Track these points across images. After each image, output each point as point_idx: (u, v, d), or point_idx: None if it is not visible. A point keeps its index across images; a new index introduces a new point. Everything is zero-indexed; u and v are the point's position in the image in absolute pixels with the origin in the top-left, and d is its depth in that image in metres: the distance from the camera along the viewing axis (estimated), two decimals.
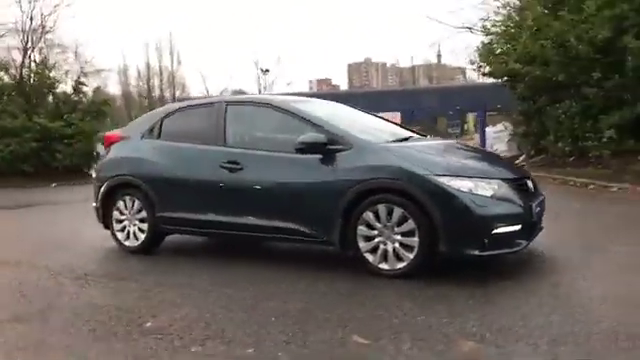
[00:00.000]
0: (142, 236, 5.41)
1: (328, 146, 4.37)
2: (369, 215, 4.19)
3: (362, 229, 4.23)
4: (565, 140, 12.01)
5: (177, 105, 5.68)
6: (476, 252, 3.90)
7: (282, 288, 4.12)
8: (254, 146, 4.91)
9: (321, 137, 4.37)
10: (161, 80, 58.75)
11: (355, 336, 3.16)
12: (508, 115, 15.79)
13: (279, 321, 3.46)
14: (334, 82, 74.24)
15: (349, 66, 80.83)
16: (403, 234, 4.08)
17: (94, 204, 5.81)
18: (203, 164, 5.03)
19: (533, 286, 3.89)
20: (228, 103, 5.19)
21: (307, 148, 4.39)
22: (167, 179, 5.20)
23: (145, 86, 58.41)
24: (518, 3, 16.15)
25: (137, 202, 5.39)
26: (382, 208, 4.14)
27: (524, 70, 12.24)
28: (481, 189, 3.98)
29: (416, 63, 66.18)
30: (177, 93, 58.35)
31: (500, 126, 17.40)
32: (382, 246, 4.17)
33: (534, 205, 4.24)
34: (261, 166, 4.74)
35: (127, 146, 5.60)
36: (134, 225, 5.46)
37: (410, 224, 4.03)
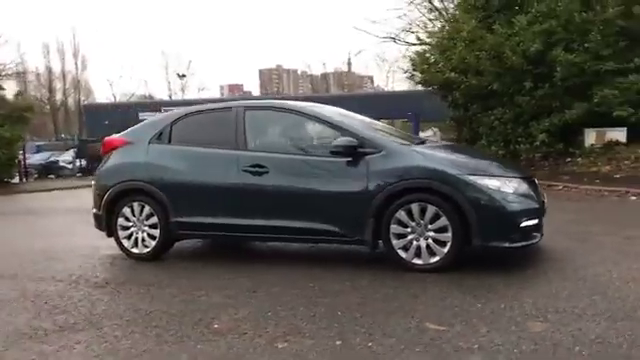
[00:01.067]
0: (153, 242, 5.36)
1: (359, 149, 4.60)
2: (402, 214, 4.47)
3: (395, 227, 4.50)
4: (498, 144, 12.92)
5: (186, 110, 5.67)
6: (506, 244, 4.29)
7: (329, 286, 4.29)
8: (279, 150, 5.05)
9: (354, 141, 4.60)
10: (64, 85, 55.95)
11: (428, 323, 3.42)
12: (442, 121, 16.66)
13: (347, 315, 3.64)
14: (246, 88, 73.92)
15: (260, 72, 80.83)
16: (436, 230, 4.40)
17: (95, 211, 5.67)
18: (224, 168, 5.09)
19: (556, 272, 4.33)
20: (246, 108, 5.28)
21: (342, 151, 4.60)
22: (184, 184, 5.20)
23: (46, 91, 55.42)
24: (447, 16, 17.19)
25: (147, 208, 5.34)
26: (415, 207, 4.44)
27: (460, 79, 13.03)
28: (506, 187, 4.39)
29: (327, 71, 67.51)
30: (82, 99, 55.92)
31: (429, 132, 18.34)
32: (415, 242, 4.47)
33: (545, 201, 4.72)
34: (288, 169, 4.89)
35: (133, 151, 5.52)
36: (143, 232, 5.40)
37: (443, 221, 4.36)
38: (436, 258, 4.42)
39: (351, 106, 6.66)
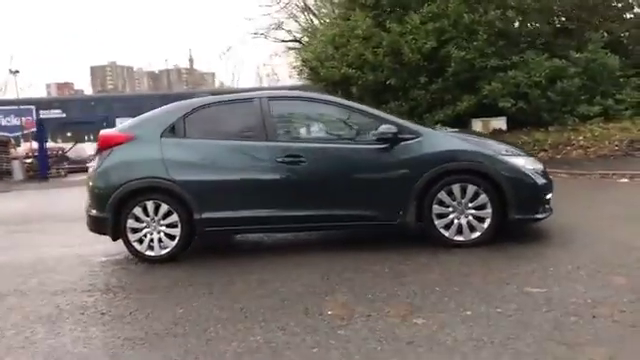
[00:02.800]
0: (171, 243, 5.11)
1: (399, 135, 4.87)
2: (443, 195, 4.85)
3: (437, 208, 4.87)
4: None
5: (199, 102, 5.41)
6: (537, 216, 4.87)
7: (396, 267, 4.52)
8: (313, 140, 5.12)
9: (394, 128, 4.86)
10: None
11: (528, 288, 3.84)
12: None
13: (447, 289, 3.92)
14: (77, 86, 68.55)
15: (92, 69, 75.45)
16: (476, 208, 4.84)
17: (94, 213, 5.22)
18: (256, 160, 5.02)
19: (563, 243, 4.94)
20: (270, 98, 5.23)
21: (386, 138, 4.83)
22: (211, 178, 5.03)
23: None
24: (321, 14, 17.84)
25: (164, 206, 5.07)
26: (456, 187, 4.84)
27: (357, 74, 13.74)
28: (529, 164, 4.98)
29: (166, 68, 65.43)
30: None
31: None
32: (456, 221, 4.87)
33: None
34: (327, 159, 4.99)
35: (143, 147, 5.18)
36: (158, 232, 5.11)
37: (483, 198, 4.82)
38: (477, 234, 4.86)
39: None
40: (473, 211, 4.86)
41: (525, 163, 4.96)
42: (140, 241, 5.15)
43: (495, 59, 12.46)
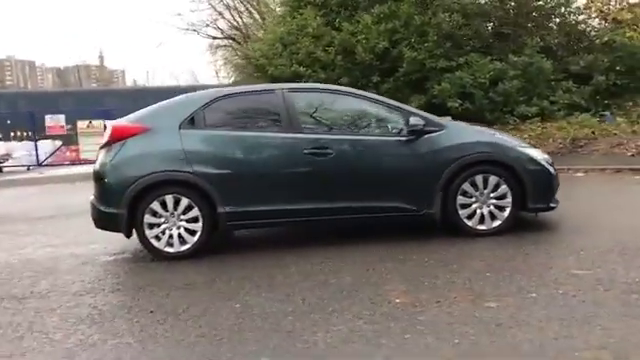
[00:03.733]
0: (192, 238, 4.92)
1: (425, 128, 4.98)
2: (467, 185, 5.01)
3: (461, 198, 5.02)
4: None
5: (217, 92, 5.24)
6: (552, 205, 5.14)
7: (435, 255, 4.62)
8: (339, 132, 5.11)
9: (422, 121, 4.96)
10: None
11: (573, 270, 4.07)
12: None
13: (500, 275, 4.05)
14: None
15: None
16: (497, 198, 5.04)
17: (105, 209, 4.93)
18: (283, 152, 4.95)
19: (574, 231, 5.25)
20: (291, 90, 5.17)
21: (415, 131, 4.92)
22: (236, 171, 4.90)
23: None
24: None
25: (184, 200, 4.87)
26: (479, 178, 5.02)
27: (308, 72, 13.79)
28: (540, 155, 5.25)
29: (73, 63, 62.12)
30: None
31: None
32: (479, 210, 5.05)
33: None
34: (355, 150, 5.01)
35: (161, 139, 4.95)
36: (178, 227, 4.90)
37: (504, 189, 5.03)
38: (498, 222, 5.07)
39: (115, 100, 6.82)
40: (494, 201, 5.05)
41: (537, 154, 5.22)
42: (158, 237, 4.91)
43: (444, 60, 12.93)
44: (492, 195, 5.05)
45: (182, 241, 4.93)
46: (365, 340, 3.15)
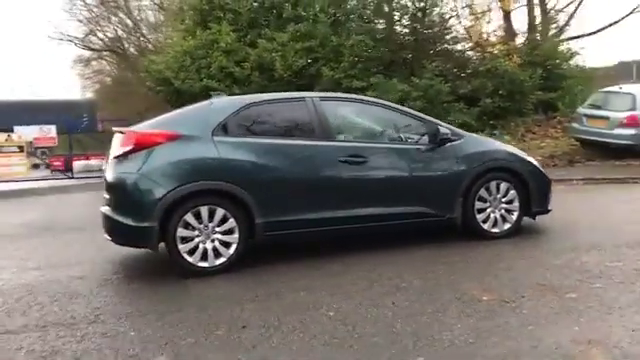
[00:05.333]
0: (228, 251, 4.69)
1: (452, 136, 5.27)
2: (483, 191, 5.37)
3: (478, 203, 5.36)
4: None
5: (247, 100, 5.03)
6: (549, 208, 5.66)
7: (465, 259, 4.88)
8: (371, 140, 5.22)
9: (448, 130, 5.23)
10: None
11: (607, 263, 4.55)
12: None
13: (545, 272, 4.41)
14: None
15: None
16: (507, 202, 5.46)
17: (133, 223, 4.53)
18: (318, 160, 4.92)
19: (573, 230, 5.81)
20: (322, 98, 5.16)
21: (443, 139, 5.17)
22: (274, 180, 4.78)
23: None
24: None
25: (219, 211, 4.64)
26: (493, 184, 5.40)
27: (221, 87, 13.60)
28: (537, 162, 5.77)
29: None
30: None
31: None
32: (492, 215, 5.42)
33: None
34: (386, 158, 5.14)
35: (194, 147, 4.67)
36: (212, 240, 4.65)
37: (512, 194, 5.46)
38: (508, 225, 5.48)
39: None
40: (505, 205, 5.45)
41: (536, 162, 5.74)
42: (191, 252, 4.59)
43: (356, 81, 13.48)
44: (503, 200, 5.43)
45: (217, 255, 4.66)
46: (503, 333, 3.26)
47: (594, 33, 19.36)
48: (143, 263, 5.30)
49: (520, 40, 18.07)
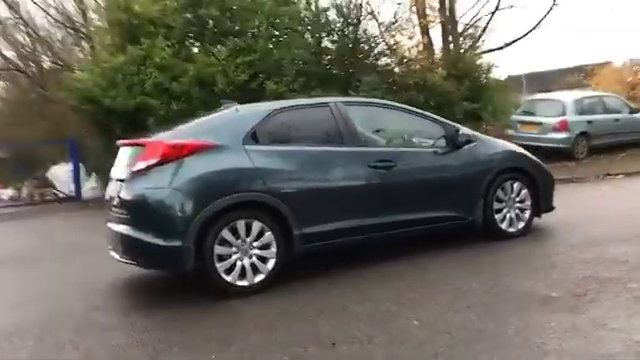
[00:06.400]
0: (266, 267, 4.37)
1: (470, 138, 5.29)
2: (499, 192, 5.42)
3: (495, 204, 5.41)
4: None
5: (273, 106, 4.74)
6: (553, 206, 5.82)
7: (504, 258, 4.93)
8: (396, 144, 5.12)
9: (468, 133, 5.25)
10: None
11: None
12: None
13: (585, 268, 4.48)
14: None
15: None
16: (519, 202, 5.55)
17: (166, 243, 4.11)
18: (348, 166, 4.75)
19: (574, 226, 5.97)
20: (345, 103, 4.99)
21: (466, 142, 5.16)
22: (310, 189, 4.55)
23: None
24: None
25: (256, 224, 4.33)
26: (508, 184, 5.47)
27: (158, 104, 12.97)
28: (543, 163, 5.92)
29: None
30: None
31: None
32: (508, 215, 5.49)
33: None
34: (413, 162, 5.05)
35: (227, 156, 4.33)
36: (250, 257, 4.32)
37: (524, 193, 5.56)
38: (522, 224, 5.57)
39: None
40: (519, 205, 5.53)
41: (542, 162, 5.89)
42: (228, 271, 4.23)
43: (298, 95, 13.32)
44: (517, 199, 5.51)
45: (257, 271, 4.32)
46: (606, 326, 3.24)
47: (501, 48, 20.68)
48: (150, 289, 4.84)
49: (438, 54, 18.87)
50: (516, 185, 5.52)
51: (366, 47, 15.97)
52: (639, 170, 10.47)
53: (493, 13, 19.77)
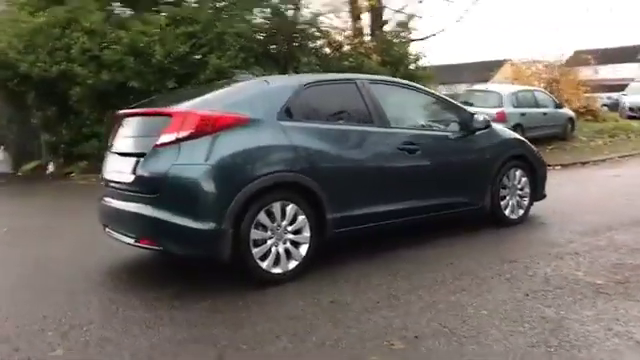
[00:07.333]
0: (300, 253, 4.06)
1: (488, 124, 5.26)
2: (505, 179, 5.45)
3: (501, 191, 5.42)
4: None
5: (304, 79, 4.35)
6: (545, 194, 5.94)
7: (514, 249, 4.93)
8: (420, 127, 4.96)
9: (482, 118, 5.19)
10: None
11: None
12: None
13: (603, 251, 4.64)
14: None
15: None
16: (520, 189, 5.61)
17: (203, 226, 3.66)
18: (380, 148, 4.54)
19: (570, 214, 6.12)
20: (371, 82, 4.73)
21: (483, 127, 5.10)
22: (341, 170, 4.27)
23: None
24: None
25: (291, 207, 4.00)
26: (512, 171, 5.51)
27: (85, 72, 11.94)
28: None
29: None
30: None
31: None
32: (510, 202, 5.53)
33: None
34: (434, 146, 4.92)
35: (262, 131, 3.95)
36: (284, 242, 4.00)
37: (525, 181, 5.63)
38: (521, 211, 5.65)
39: None
40: (519, 191, 5.59)
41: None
42: (263, 257, 3.87)
43: (244, 70, 12.78)
44: (518, 186, 5.57)
45: (291, 258, 4.00)
46: None
47: (424, 39, 21.19)
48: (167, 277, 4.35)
49: (368, 40, 18.93)
50: (518, 172, 5.57)
51: (303, 28, 15.68)
52: (574, 162, 11.10)
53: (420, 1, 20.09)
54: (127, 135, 4.24)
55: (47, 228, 6.29)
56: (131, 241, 3.96)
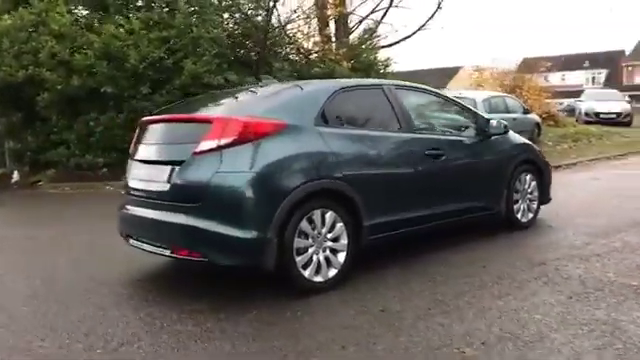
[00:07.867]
0: (338, 260, 4.00)
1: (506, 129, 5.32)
2: (517, 183, 5.53)
3: (514, 195, 5.50)
4: (97, 152, 12.15)
5: (336, 84, 4.28)
6: (550, 197, 6.06)
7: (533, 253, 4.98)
8: (443, 132, 4.97)
9: (497, 124, 5.24)
10: None
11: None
12: None
13: (623, 250, 4.76)
14: None
15: None
16: (530, 193, 5.71)
17: (251, 235, 3.56)
18: (409, 154, 4.50)
19: (573, 216, 6.24)
20: (396, 87, 4.70)
21: (501, 132, 5.16)
22: (376, 177, 4.23)
23: None
24: None
25: (330, 215, 3.93)
26: (523, 176, 5.59)
27: (54, 77, 11.52)
28: None
29: None
30: None
31: None
32: (522, 206, 5.61)
33: None
34: (457, 151, 4.93)
35: (301, 138, 3.87)
36: (324, 249, 3.93)
37: (534, 185, 5.72)
38: (531, 215, 5.74)
39: None
40: (529, 195, 5.68)
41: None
42: (305, 265, 3.79)
43: (215, 77, 12.57)
44: (528, 190, 5.66)
45: (331, 266, 3.92)
46: None
47: (390, 45, 21.44)
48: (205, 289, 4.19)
49: (334, 46, 18.98)
50: (529, 177, 5.66)
51: (274, 34, 15.60)
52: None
53: (387, 10, 20.31)
54: (156, 142, 4.07)
55: (30, 239, 6.00)
56: (166, 252, 3.79)
